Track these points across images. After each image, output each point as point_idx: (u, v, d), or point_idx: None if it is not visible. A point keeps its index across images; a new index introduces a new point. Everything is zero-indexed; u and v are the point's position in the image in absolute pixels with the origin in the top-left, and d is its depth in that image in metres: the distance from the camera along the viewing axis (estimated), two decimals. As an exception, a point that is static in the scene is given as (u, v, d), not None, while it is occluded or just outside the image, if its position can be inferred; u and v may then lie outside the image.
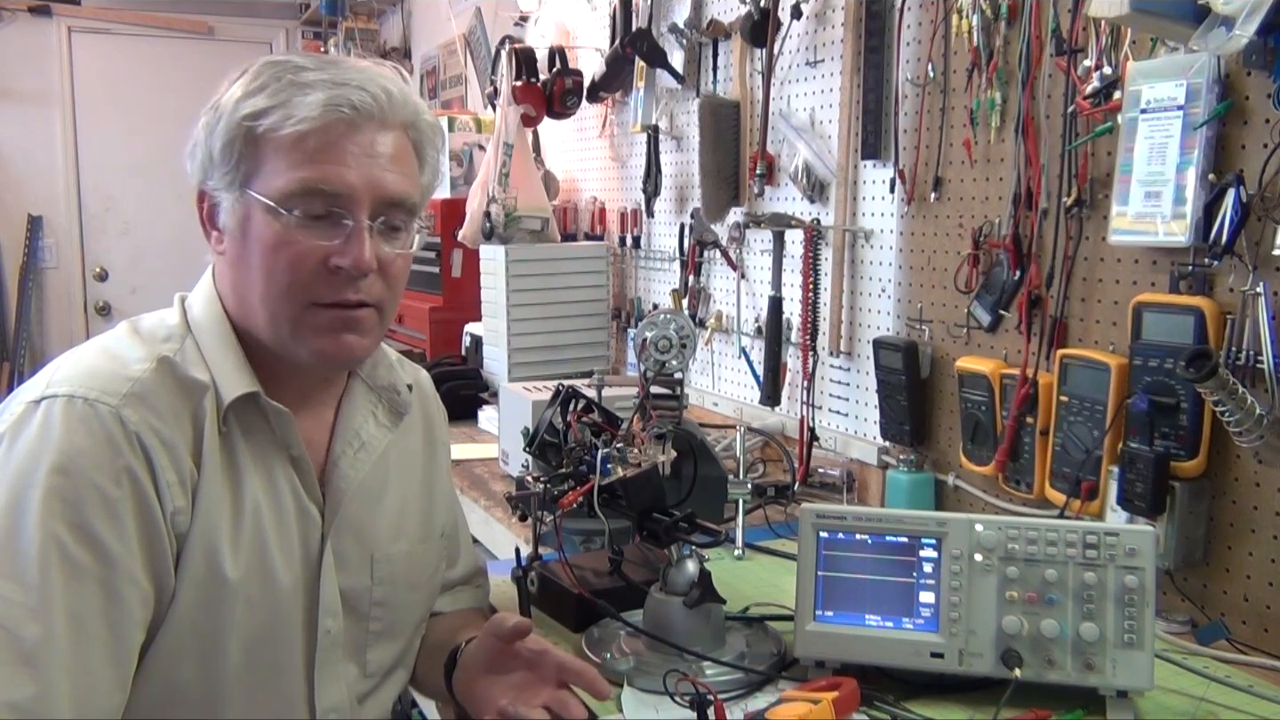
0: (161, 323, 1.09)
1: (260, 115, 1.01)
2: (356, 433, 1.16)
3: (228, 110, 1.03)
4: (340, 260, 1.02)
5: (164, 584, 0.99)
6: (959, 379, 1.74)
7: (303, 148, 1.01)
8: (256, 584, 1.04)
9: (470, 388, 2.80)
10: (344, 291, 1.04)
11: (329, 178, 1.01)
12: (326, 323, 1.05)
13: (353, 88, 1.02)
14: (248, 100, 1.02)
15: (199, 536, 1.00)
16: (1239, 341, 1.30)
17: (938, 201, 1.81)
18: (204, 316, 1.09)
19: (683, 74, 2.57)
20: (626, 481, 1.26)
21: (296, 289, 1.03)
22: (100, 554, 0.94)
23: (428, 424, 1.29)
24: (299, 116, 1.00)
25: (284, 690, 1.08)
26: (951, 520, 1.15)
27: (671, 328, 1.35)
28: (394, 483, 1.20)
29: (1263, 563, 1.32)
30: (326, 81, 1.02)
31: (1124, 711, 1.09)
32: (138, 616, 0.97)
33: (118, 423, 0.96)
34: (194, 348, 1.06)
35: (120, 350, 1.04)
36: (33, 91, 5.24)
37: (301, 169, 1.01)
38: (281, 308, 1.04)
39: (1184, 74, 1.35)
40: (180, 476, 0.99)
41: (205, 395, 1.03)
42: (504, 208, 2.87)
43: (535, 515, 1.36)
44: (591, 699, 1.10)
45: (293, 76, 1.02)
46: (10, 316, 5.22)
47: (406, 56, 5.11)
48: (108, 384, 0.98)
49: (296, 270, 1.03)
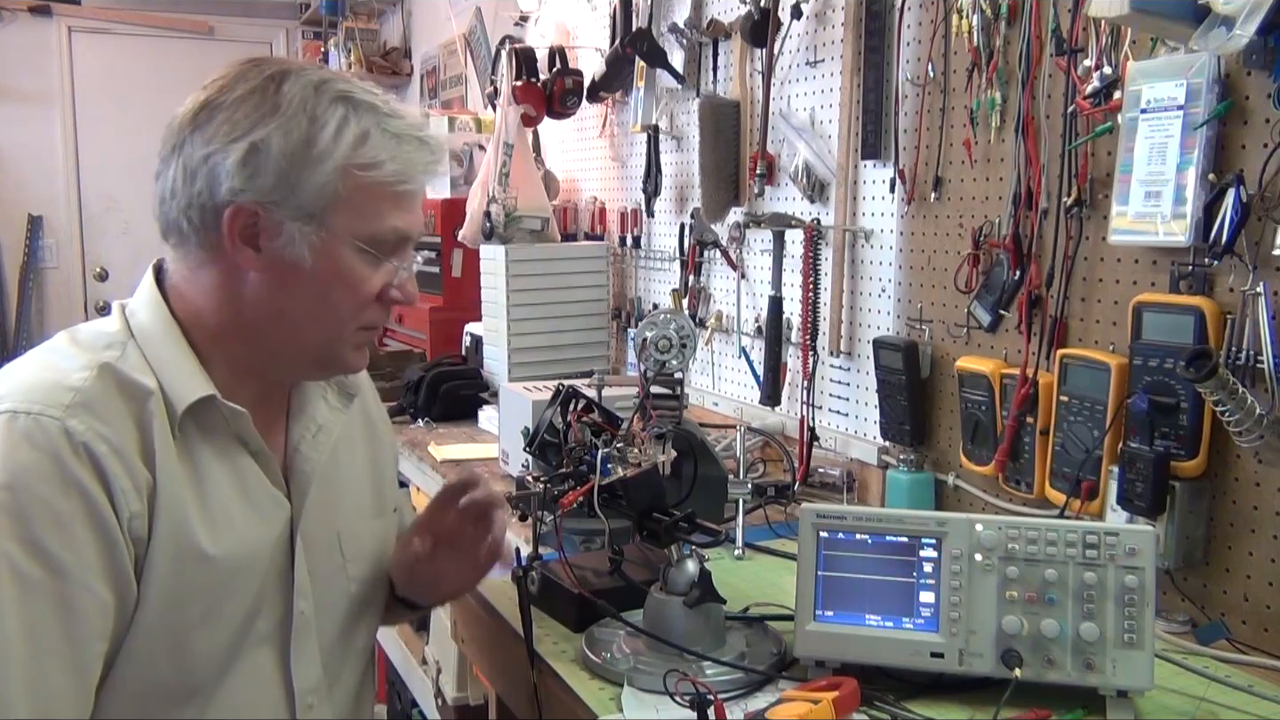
0: (100, 331, 1.09)
1: (373, 166, 1.06)
2: (313, 417, 1.19)
3: (327, 149, 1.04)
4: (399, 294, 1.12)
5: (125, 591, 0.99)
6: (959, 379, 1.74)
7: (400, 201, 1.09)
8: (239, 564, 1.06)
9: (470, 388, 2.80)
10: (387, 318, 1.16)
11: (411, 225, 1.11)
12: (363, 342, 1.15)
13: (432, 148, 1.11)
14: (359, 150, 1.05)
15: (166, 534, 1.00)
16: (1239, 341, 1.30)
17: (938, 201, 1.81)
18: (150, 322, 1.09)
19: (683, 74, 2.57)
20: (626, 481, 1.26)
21: (354, 315, 1.11)
22: (51, 567, 0.94)
23: (363, 406, 1.31)
24: (409, 175, 1.08)
25: (258, 674, 1.10)
26: (951, 520, 1.15)
27: (671, 328, 1.35)
28: (345, 463, 1.23)
29: (1263, 563, 1.32)
30: (415, 139, 1.09)
31: (1124, 711, 1.09)
32: (97, 626, 0.97)
33: (63, 435, 0.96)
34: (137, 353, 1.06)
35: (59, 361, 1.03)
36: (33, 91, 5.24)
37: (397, 219, 1.09)
38: (336, 330, 1.11)
39: (1184, 74, 1.35)
40: (135, 482, 0.99)
41: (150, 399, 1.03)
42: (504, 208, 2.87)
43: (535, 515, 1.36)
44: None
45: (387, 126, 1.07)
46: (10, 316, 5.23)
47: (406, 56, 5.11)
48: (50, 396, 0.98)
49: (360, 299, 1.10)
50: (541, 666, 1.28)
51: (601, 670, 1.23)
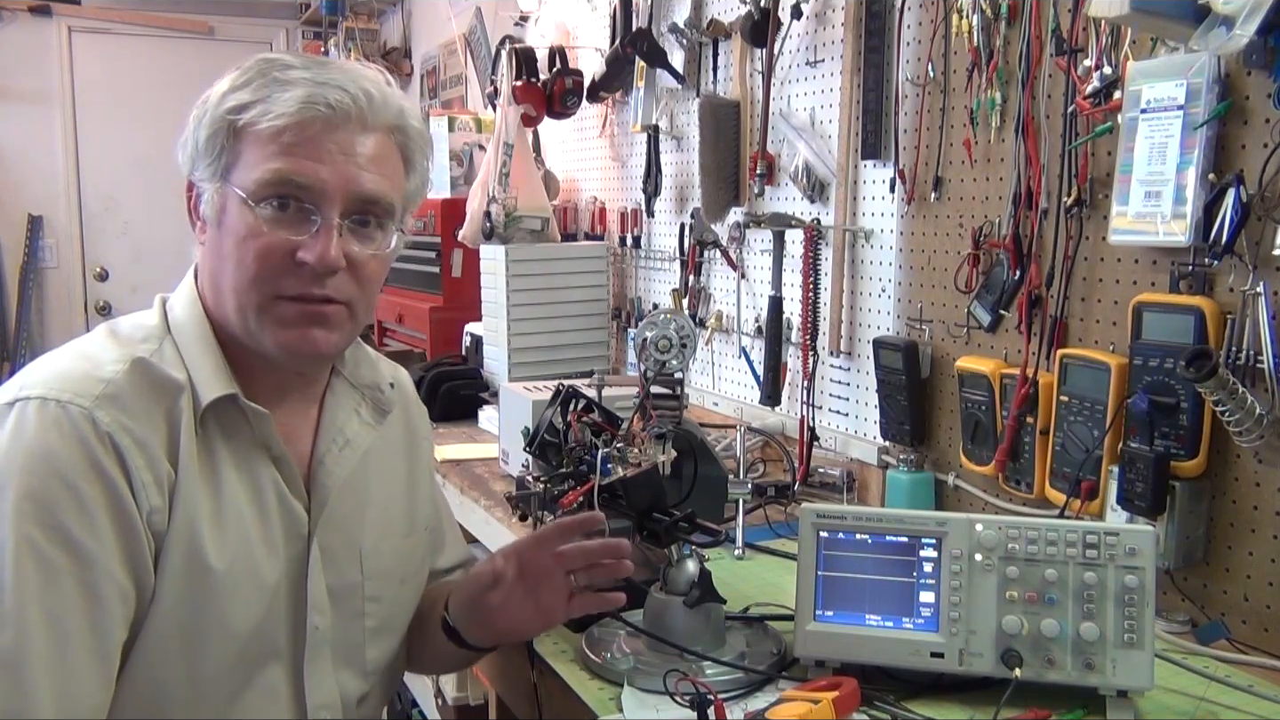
0: (140, 324, 1.10)
1: (242, 109, 1.03)
2: (341, 430, 1.17)
3: (213, 103, 1.05)
4: (306, 255, 1.04)
5: (144, 581, 0.99)
6: (959, 379, 1.74)
7: (278, 141, 1.03)
8: (241, 580, 1.05)
9: (470, 388, 2.80)
10: (309, 286, 1.05)
11: (301, 170, 1.03)
12: (292, 316, 1.06)
13: (332, 87, 1.04)
14: (233, 94, 1.04)
15: (178, 534, 1.01)
16: (1239, 341, 1.30)
17: (938, 201, 1.81)
18: (185, 317, 1.10)
19: (683, 74, 2.57)
20: (626, 481, 1.26)
21: (263, 280, 1.04)
22: (76, 553, 0.94)
23: (407, 420, 1.30)
24: (277, 111, 1.02)
25: (271, 687, 1.09)
26: (951, 520, 1.15)
27: (671, 327, 1.35)
28: (377, 479, 1.21)
29: (1263, 562, 1.32)
30: (308, 80, 1.04)
31: (1124, 711, 1.09)
32: (118, 613, 0.97)
33: (90, 424, 0.97)
34: (172, 348, 1.07)
35: (95, 352, 1.04)
36: (33, 91, 5.24)
37: (275, 161, 1.03)
38: (249, 298, 1.05)
39: (1184, 74, 1.35)
40: (156, 476, 0.99)
41: (181, 395, 1.03)
42: (504, 208, 2.87)
43: (535, 515, 1.36)
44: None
45: (278, 74, 1.04)
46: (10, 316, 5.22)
47: (406, 56, 5.11)
48: (80, 386, 0.99)
49: (264, 261, 1.04)
50: (541, 666, 1.28)
51: (601, 670, 1.23)
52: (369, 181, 1.06)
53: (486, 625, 1.22)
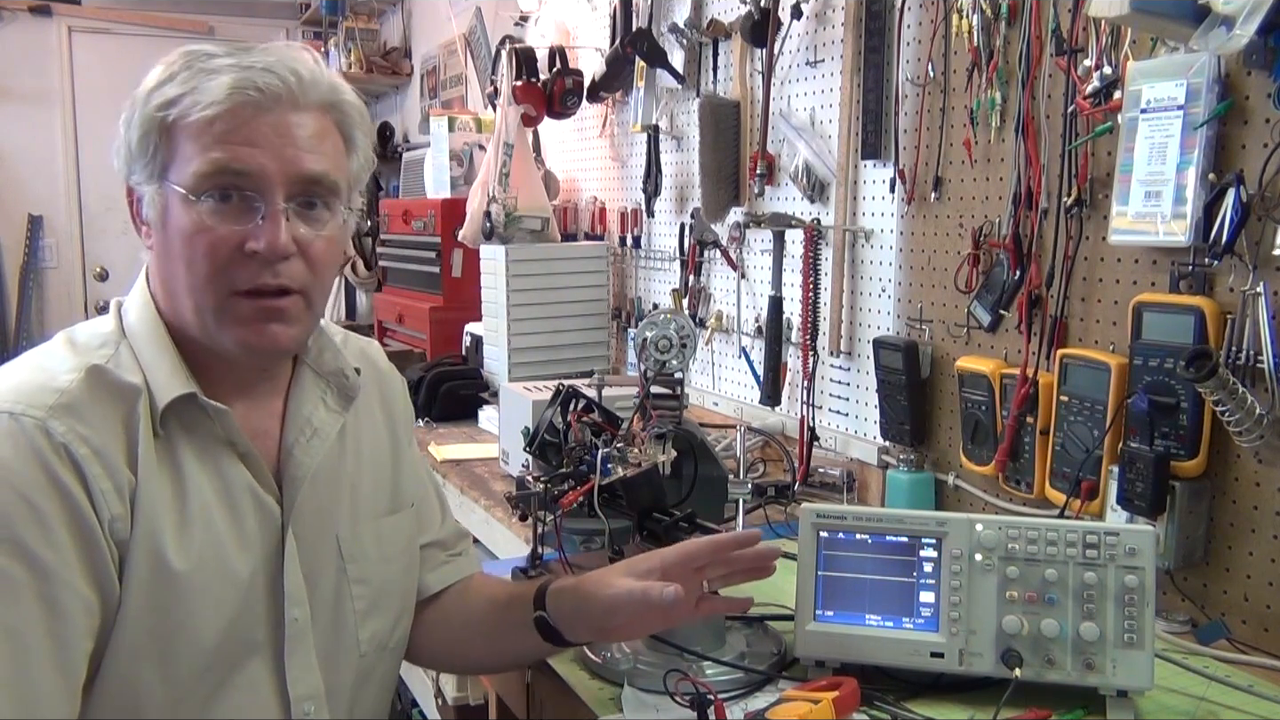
0: (96, 331, 1.09)
1: (170, 104, 1.01)
2: (308, 420, 1.15)
3: (141, 102, 1.03)
4: (255, 244, 1.01)
5: (108, 590, 0.98)
6: (959, 379, 1.74)
7: (211, 131, 1.01)
8: (211, 579, 1.03)
9: (470, 388, 2.81)
10: (262, 276, 1.03)
11: (238, 158, 1.00)
12: (250, 313, 1.04)
13: (259, 70, 1.02)
14: (159, 90, 1.02)
15: (142, 540, 0.99)
16: (1239, 341, 1.30)
17: (938, 201, 1.81)
18: (138, 320, 1.08)
19: (683, 74, 2.57)
20: (626, 481, 1.26)
21: (216, 277, 1.03)
22: (33, 566, 0.93)
23: (384, 397, 1.28)
24: (206, 101, 1.00)
25: (251, 683, 1.08)
26: (951, 520, 1.15)
27: (671, 328, 1.35)
28: (353, 462, 1.20)
29: (1263, 562, 1.32)
30: (233, 66, 1.02)
31: (1124, 711, 1.09)
32: (82, 625, 0.96)
33: (44, 435, 0.95)
34: (129, 352, 1.06)
35: (50, 363, 1.03)
36: (33, 91, 5.24)
37: (210, 151, 1.00)
38: (204, 298, 1.04)
39: (1184, 74, 1.35)
40: (116, 484, 0.98)
41: (139, 399, 1.02)
42: (504, 208, 2.87)
43: (535, 515, 1.36)
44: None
45: (203, 64, 1.02)
46: (10, 316, 5.23)
47: (406, 56, 5.11)
48: (34, 397, 0.98)
49: (214, 257, 1.02)
50: (541, 666, 1.28)
51: (601, 670, 1.23)
52: (309, 161, 1.04)
53: (600, 628, 1.17)
